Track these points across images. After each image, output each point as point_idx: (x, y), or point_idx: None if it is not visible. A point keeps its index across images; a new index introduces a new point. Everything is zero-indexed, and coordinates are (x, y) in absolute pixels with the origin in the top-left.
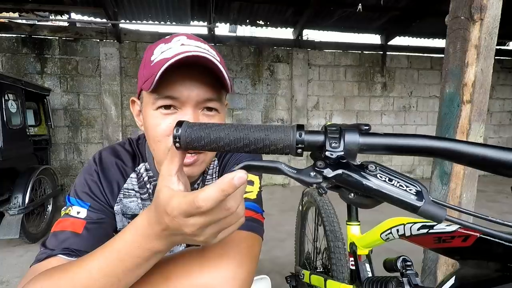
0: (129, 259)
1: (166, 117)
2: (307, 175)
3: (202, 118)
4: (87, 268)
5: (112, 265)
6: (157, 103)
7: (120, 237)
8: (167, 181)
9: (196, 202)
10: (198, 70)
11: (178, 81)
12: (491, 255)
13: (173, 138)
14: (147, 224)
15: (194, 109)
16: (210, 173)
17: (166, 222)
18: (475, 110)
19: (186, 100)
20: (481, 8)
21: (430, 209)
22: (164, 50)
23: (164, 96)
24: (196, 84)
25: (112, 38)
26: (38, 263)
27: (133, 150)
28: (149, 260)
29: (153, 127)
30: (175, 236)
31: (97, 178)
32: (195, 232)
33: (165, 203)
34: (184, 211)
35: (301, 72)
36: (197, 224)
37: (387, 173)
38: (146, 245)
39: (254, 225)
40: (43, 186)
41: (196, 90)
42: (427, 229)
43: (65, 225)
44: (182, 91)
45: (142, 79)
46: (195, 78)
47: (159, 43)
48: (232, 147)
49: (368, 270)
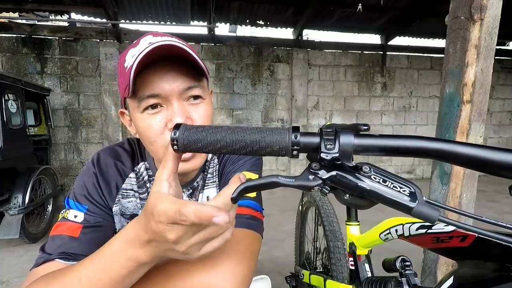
0: (115, 269)
1: (155, 116)
2: (305, 179)
3: (189, 108)
4: (77, 275)
5: (99, 273)
6: (141, 105)
7: (109, 244)
8: (158, 185)
9: (180, 213)
10: (171, 63)
11: (156, 78)
12: (489, 255)
13: (171, 140)
14: (134, 230)
15: (179, 101)
16: (211, 171)
17: (152, 226)
18: (475, 110)
19: (169, 94)
20: (481, 8)
21: (423, 210)
22: (134, 53)
23: (146, 96)
24: (174, 75)
25: (112, 38)
26: (36, 267)
27: (132, 149)
28: (135, 272)
29: (144, 130)
30: (159, 244)
31: (95, 180)
32: (178, 239)
33: (152, 206)
34: (168, 217)
35: (301, 72)
36: (180, 231)
37: (381, 174)
38: (130, 253)
39: (254, 223)
40: (43, 186)
41: (175, 82)
42: (426, 229)
43: (62, 229)
44: (162, 86)
45: (121, 88)
46: (171, 71)
47: (128, 49)
48: (229, 149)
49: (367, 270)
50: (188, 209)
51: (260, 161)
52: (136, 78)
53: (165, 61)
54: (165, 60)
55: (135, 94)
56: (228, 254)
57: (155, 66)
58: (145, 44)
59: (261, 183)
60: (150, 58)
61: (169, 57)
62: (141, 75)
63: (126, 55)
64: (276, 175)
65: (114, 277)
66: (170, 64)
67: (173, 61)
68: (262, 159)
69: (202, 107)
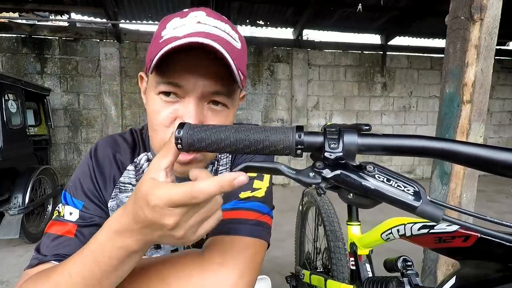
0: (105, 261)
1: (167, 106)
2: (306, 175)
3: (207, 113)
4: (68, 272)
5: (89, 267)
6: (159, 87)
7: (95, 237)
8: (155, 173)
9: (193, 192)
10: (208, 57)
11: (185, 67)
12: (491, 255)
13: (175, 139)
14: (122, 219)
15: (199, 101)
16: (223, 163)
17: (146, 214)
18: (475, 110)
19: (190, 90)
20: (481, 8)
21: (427, 209)
22: (177, 26)
23: (167, 81)
24: (204, 73)
25: (112, 38)
26: (30, 268)
27: (134, 140)
28: (126, 261)
29: (152, 114)
30: (151, 231)
31: (92, 173)
32: (177, 223)
33: (147, 193)
34: (171, 201)
35: (301, 72)
36: (179, 215)
37: (385, 174)
38: (119, 243)
39: (259, 229)
40: (43, 186)
41: (203, 79)
42: (428, 229)
43: (57, 229)
44: (188, 79)
45: (148, 56)
46: (205, 67)
47: (174, 16)
48: (233, 148)
49: (368, 270)
50: (202, 184)
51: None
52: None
53: (203, 53)
54: (204, 51)
55: (156, 73)
56: (229, 265)
57: (189, 53)
58: (192, 22)
59: (263, 166)
60: (187, 46)
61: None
62: (171, 55)
63: (169, 22)
64: (280, 163)
65: (105, 269)
66: (207, 58)
67: (210, 55)
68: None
69: (222, 115)
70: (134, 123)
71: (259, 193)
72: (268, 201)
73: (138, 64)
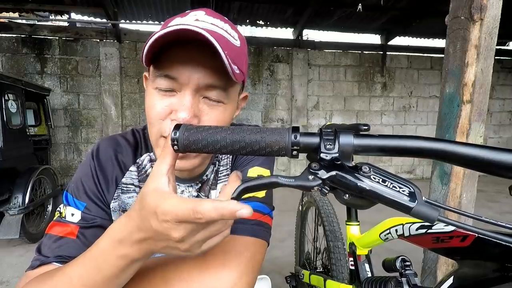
0: (107, 268)
1: (162, 99)
2: (305, 179)
3: (202, 106)
4: (68, 276)
5: (90, 273)
6: (156, 81)
7: (97, 244)
8: (157, 180)
9: (196, 211)
10: (203, 52)
11: (180, 60)
12: (489, 255)
13: (171, 141)
14: (125, 228)
15: (194, 94)
16: (224, 163)
17: (152, 225)
18: (475, 110)
19: (185, 83)
20: (481, 8)
21: (422, 210)
22: (176, 24)
23: (163, 74)
24: (200, 66)
25: (112, 38)
26: (32, 269)
27: (136, 140)
28: (127, 269)
29: (148, 107)
30: (155, 241)
31: (94, 174)
32: (183, 238)
33: (155, 205)
34: (177, 216)
35: (301, 72)
36: (187, 229)
37: (380, 174)
38: (122, 252)
39: (259, 229)
40: (43, 186)
41: (197, 72)
42: (426, 229)
43: (59, 230)
44: (183, 71)
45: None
46: (200, 60)
47: (175, 16)
48: (229, 149)
49: (367, 270)
50: (205, 206)
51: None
52: (162, 51)
53: (198, 46)
54: (199, 45)
55: (154, 66)
56: (230, 265)
57: (184, 47)
58: (190, 20)
59: (261, 183)
60: (182, 37)
61: (203, 43)
62: (169, 50)
63: (170, 21)
64: (276, 175)
65: (106, 276)
66: (201, 53)
67: (209, 48)
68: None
69: (218, 110)
70: (134, 123)
71: (260, 193)
72: (269, 201)
73: (138, 64)
